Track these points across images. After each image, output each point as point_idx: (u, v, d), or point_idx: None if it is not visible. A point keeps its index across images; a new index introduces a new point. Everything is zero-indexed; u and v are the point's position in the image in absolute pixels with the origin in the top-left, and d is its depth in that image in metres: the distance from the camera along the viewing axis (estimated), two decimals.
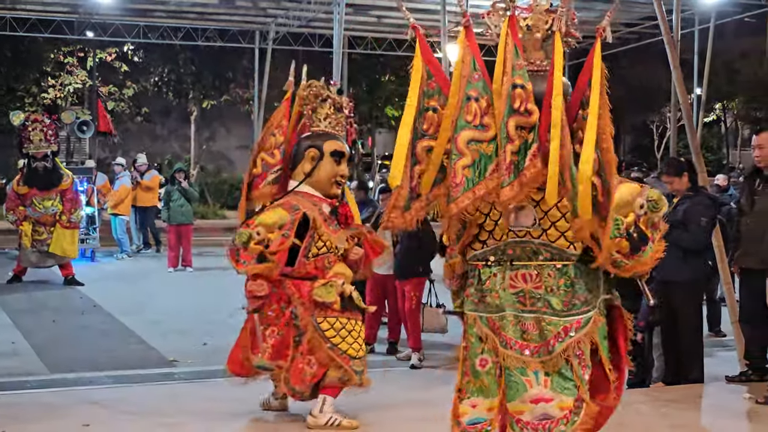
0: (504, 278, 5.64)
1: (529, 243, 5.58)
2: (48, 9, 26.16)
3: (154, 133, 41.68)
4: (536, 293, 5.57)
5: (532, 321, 5.55)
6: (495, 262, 5.68)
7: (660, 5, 12.13)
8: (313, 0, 24.34)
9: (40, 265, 17.49)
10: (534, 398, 5.54)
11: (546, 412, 5.53)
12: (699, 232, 9.48)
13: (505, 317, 5.61)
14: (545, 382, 5.54)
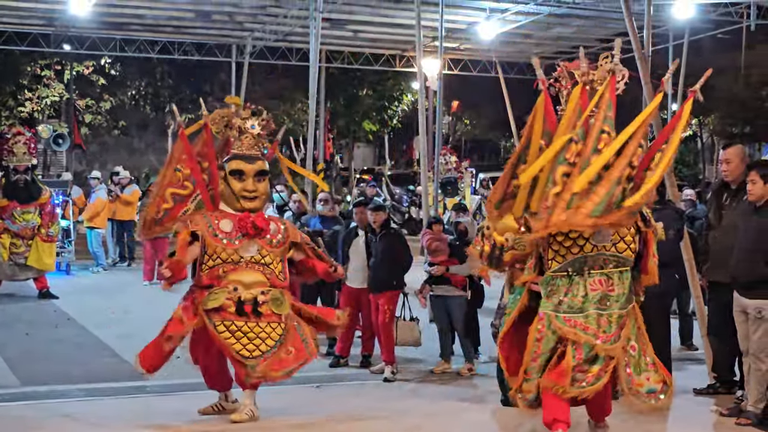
0: (584, 285, 7.57)
1: (601, 255, 7.58)
2: (24, 22, 26.10)
3: (131, 147, 41.64)
4: (610, 295, 7.62)
5: (606, 316, 7.56)
6: (574, 272, 7.59)
7: (631, 21, 12.24)
8: (290, 14, 24.38)
9: (16, 278, 17.42)
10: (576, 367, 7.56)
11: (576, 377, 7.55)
12: (667, 244, 9.50)
13: (589, 315, 7.55)
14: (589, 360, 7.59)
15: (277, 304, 8.80)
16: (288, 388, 10.47)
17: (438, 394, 10.69)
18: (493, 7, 23.59)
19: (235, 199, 8.97)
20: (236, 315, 8.65)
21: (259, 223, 8.93)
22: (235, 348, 8.60)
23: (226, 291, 8.70)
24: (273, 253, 8.96)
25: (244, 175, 8.94)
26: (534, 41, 28.25)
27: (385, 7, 23.87)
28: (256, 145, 9.16)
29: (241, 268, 8.78)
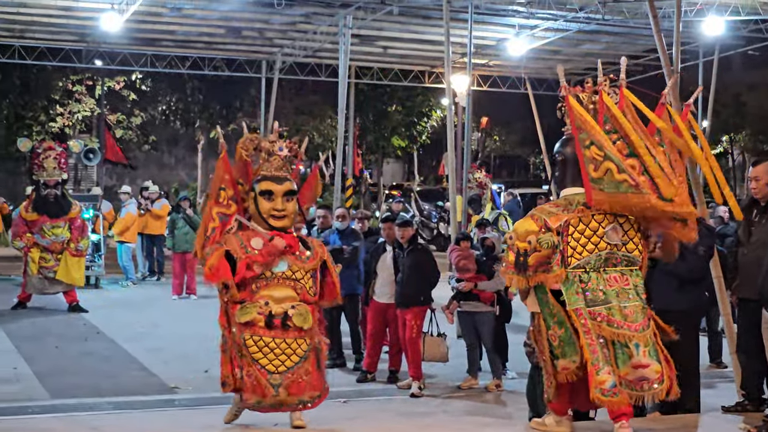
0: (603, 280, 8.13)
1: (614, 254, 8.19)
2: (57, 38, 26.30)
3: (161, 162, 41.87)
4: (627, 289, 8.18)
5: (630, 308, 8.11)
6: (591, 269, 8.13)
7: (660, 37, 12.21)
8: (320, 30, 24.46)
9: (45, 291, 17.53)
10: (635, 364, 8.04)
11: (644, 375, 8.07)
12: (696, 261, 9.45)
13: (612, 307, 8.07)
14: (644, 353, 8.07)
15: (302, 319, 9.03)
16: None
17: (464, 410, 10.70)
18: (522, 24, 23.57)
19: (265, 219, 9.24)
20: (266, 329, 8.93)
21: (288, 241, 9.18)
22: (261, 363, 8.88)
23: (258, 306, 8.96)
24: (303, 269, 9.19)
25: (273, 195, 9.22)
26: (563, 57, 28.15)
27: (415, 24, 23.90)
28: (284, 167, 9.45)
29: (272, 283, 9.04)
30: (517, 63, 27.24)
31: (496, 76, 30.31)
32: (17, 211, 18.33)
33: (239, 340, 8.95)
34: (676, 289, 9.41)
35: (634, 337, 8.08)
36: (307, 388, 9.05)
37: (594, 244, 8.15)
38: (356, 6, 21.87)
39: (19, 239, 17.45)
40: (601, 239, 8.15)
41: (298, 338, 9.04)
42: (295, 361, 8.99)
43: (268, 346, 8.92)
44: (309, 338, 9.11)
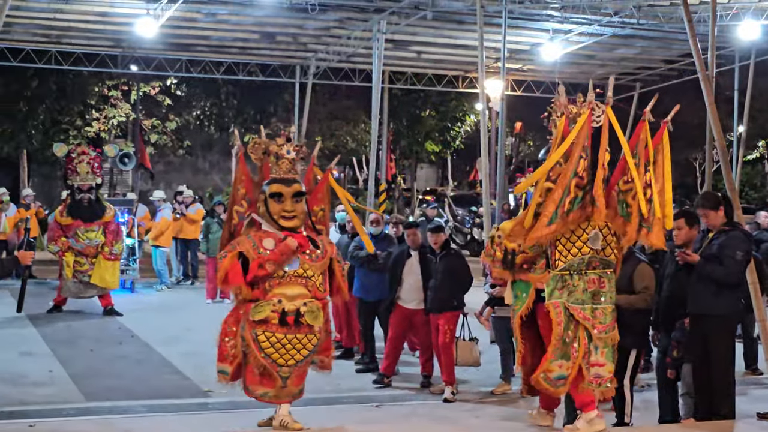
0: (583, 282, 8.93)
1: (594, 257, 8.98)
2: (93, 43, 26.52)
3: (195, 166, 42.04)
4: (602, 291, 8.97)
5: (600, 310, 8.93)
6: (575, 271, 8.94)
7: (695, 42, 12.15)
8: (353, 36, 24.53)
9: (80, 295, 17.62)
10: (593, 363, 8.87)
11: (598, 373, 8.91)
12: (734, 266, 9.37)
13: (586, 308, 8.89)
14: (602, 353, 8.91)
15: (312, 317, 9.33)
16: (347, 407, 10.54)
17: (497, 415, 10.64)
18: (556, 28, 23.54)
19: (276, 220, 9.53)
20: (278, 326, 9.26)
21: (299, 240, 9.49)
22: (273, 357, 9.23)
23: (271, 304, 9.28)
24: (313, 267, 9.51)
25: (282, 197, 9.52)
26: (598, 62, 28.13)
27: (448, 28, 23.93)
28: (293, 169, 9.78)
29: (285, 282, 9.36)
30: (551, 67, 27.19)
31: (530, 81, 30.29)
32: (53, 215, 18.45)
33: (249, 336, 9.27)
34: (713, 294, 9.32)
35: (597, 338, 8.94)
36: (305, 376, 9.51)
37: (578, 249, 8.99)
38: (390, 11, 21.92)
39: (54, 243, 17.54)
40: (585, 244, 9.00)
41: (308, 334, 9.36)
42: (304, 355, 9.34)
43: (280, 342, 9.24)
44: (319, 334, 9.43)
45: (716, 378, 9.47)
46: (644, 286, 9.42)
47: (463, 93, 34.50)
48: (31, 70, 30.85)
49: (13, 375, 12.11)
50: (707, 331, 9.40)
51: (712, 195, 10.17)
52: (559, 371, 8.93)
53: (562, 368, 8.92)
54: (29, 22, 23.87)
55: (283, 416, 9.33)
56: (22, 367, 12.65)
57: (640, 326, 9.48)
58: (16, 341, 14.42)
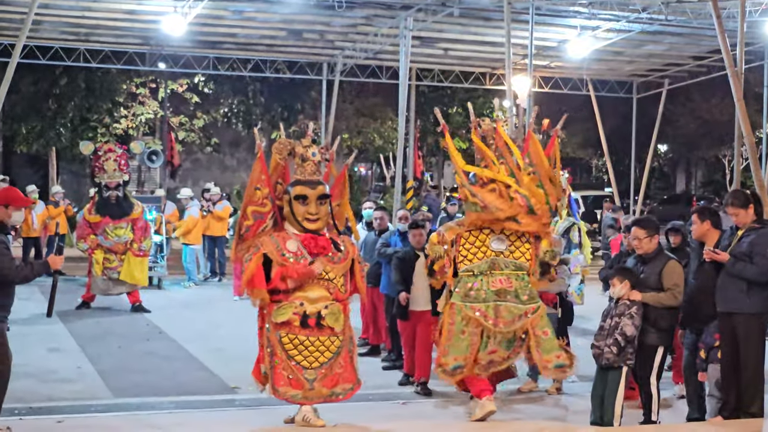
0: (487, 282, 9.96)
1: (501, 260, 10.06)
2: (121, 41, 26.63)
3: (223, 164, 42.17)
4: (508, 291, 9.99)
5: (504, 307, 9.91)
6: (480, 272, 10.01)
7: (724, 38, 12.11)
8: (380, 33, 24.52)
9: (109, 292, 17.70)
10: (490, 351, 9.91)
11: (492, 359, 9.95)
12: (765, 264, 9.25)
13: (489, 306, 9.89)
14: (498, 343, 9.92)
15: (333, 319, 9.39)
16: (374, 404, 10.54)
17: (524, 413, 10.63)
18: (584, 25, 23.44)
19: (300, 222, 9.59)
20: (300, 328, 9.33)
21: (321, 243, 9.58)
22: (297, 359, 9.30)
23: (293, 306, 9.33)
24: (335, 270, 9.56)
25: (307, 200, 9.56)
26: (626, 59, 28.02)
27: (475, 25, 23.88)
28: (317, 171, 9.81)
29: (307, 284, 9.41)
30: (579, 64, 27.10)
31: (558, 78, 30.19)
32: (81, 213, 18.54)
33: (274, 337, 9.34)
34: (743, 292, 9.25)
35: (496, 332, 9.88)
36: (339, 381, 9.45)
37: (483, 253, 10.08)
38: (417, 8, 21.90)
39: (83, 241, 17.62)
40: (488, 248, 10.06)
41: (331, 336, 9.42)
42: (328, 357, 9.36)
43: (303, 344, 9.30)
44: (342, 336, 9.49)
45: (746, 376, 9.40)
46: (673, 283, 9.35)
47: (490, 90, 34.42)
48: (59, 67, 31.02)
49: (42, 371, 12.17)
50: (737, 330, 9.34)
51: (741, 193, 10.08)
52: (455, 363, 9.87)
53: (457, 360, 9.86)
54: (58, 20, 23.99)
55: (306, 412, 9.33)
56: (50, 364, 12.72)
57: (667, 324, 9.38)
58: (45, 338, 14.48)
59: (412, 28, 22.65)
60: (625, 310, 9.31)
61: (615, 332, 9.27)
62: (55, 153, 36.00)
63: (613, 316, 9.39)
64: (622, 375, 9.28)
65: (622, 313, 9.31)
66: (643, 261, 9.59)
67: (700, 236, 9.66)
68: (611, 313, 9.45)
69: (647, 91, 31.00)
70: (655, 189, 55.96)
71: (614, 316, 9.38)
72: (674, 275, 9.41)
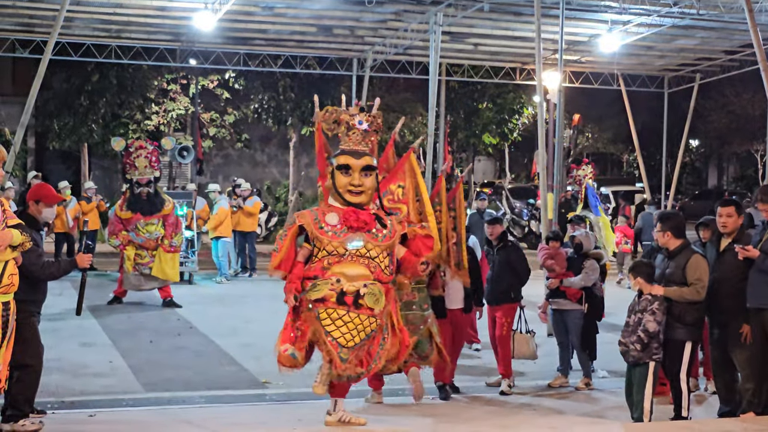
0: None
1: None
2: (152, 38, 26.74)
3: (254, 159, 42.18)
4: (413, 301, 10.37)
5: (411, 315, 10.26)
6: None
7: (756, 32, 12.06)
8: (410, 28, 24.51)
9: (141, 287, 17.81)
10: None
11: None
12: None
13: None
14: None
15: (373, 300, 8.85)
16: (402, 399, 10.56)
17: (554, 408, 10.64)
18: (615, 20, 23.35)
19: (342, 194, 9.11)
20: (336, 304, 8.80)
21: (364, 218, 9.05)
22: (333, 335, 8.79)
23: (329, 283, 8.82)
24: (379, 247, 9.00)
25: (350, 170, 9.06)
26: (657, 53, 27.88)
27: (506, 20, 23.83)
28: (363, 141, 9.27)
29: (345, 260, 8.90)
30: (610, 59, 26.99)
31: (588, 73, 30.07)
32: (113, 209, 18.65)
33: (311, 314, 8.84)
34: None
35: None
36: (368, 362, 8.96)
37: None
38: (447, 3, 21.88)
39: (114, 237, 17.73)
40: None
41: (369, 317, 8.88)
42: (362, 337, 8.86)
43: (342, 319, 8.79)
44: (379, 319, 8.95)
45: None
46: (697, 278, 9.28)
47: (520, 85, 34.35)
48: (91, 64, 31.15)
49: (74, 365, 12.31)
50: (766, 326, 9.31)
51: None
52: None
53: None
54: (89, 17, 24.12)
55: (342, 413, 9.13)
56: (82, 358, 12.85)
57: (692, 318, 9.32)
58: (77, 332, 14.61)
59: (442, 24, 22.62)
60: (647, 306, 9.27)
61: (638, 329, 9.24)
62: (87, 149, 36.17)
63: (637, 312, 9.36)
64: (650, 371, 9.24)
65: (644, 309, 9.29)
66: (670, 256, 9.54)
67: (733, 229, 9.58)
68: (635, 308, 9.42)
69: (679, 86, 30.84)
70: (686, 184, 55.68)
71: (637, 312, 9.35)
72: (698, 270, 9.31)
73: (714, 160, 60.92)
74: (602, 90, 31.60)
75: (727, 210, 9.64)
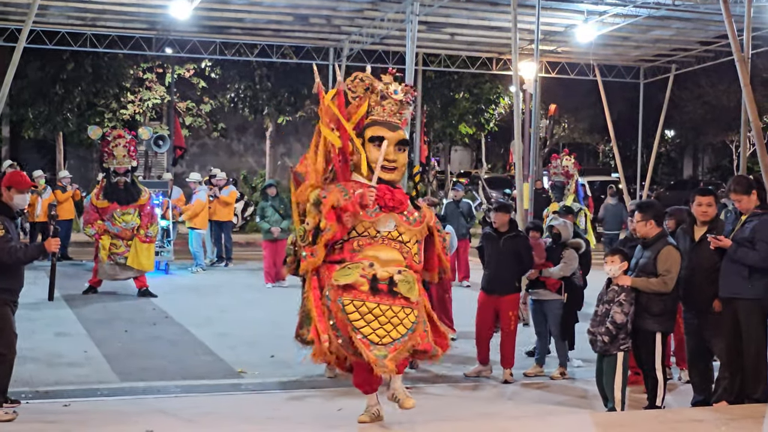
0: None
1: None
2: (127, 26, 26.64)
3: (230, 149, 42.16)
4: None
5: None
6: None
7: (731, 23, 12.12)
8: (387, 18, 24.50)
9: (116, 277, 17.75)
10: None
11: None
12: (766, 250, 9.30)
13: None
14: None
15: (407, 287, 7.99)
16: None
17: (529, 397, 10.71)
18: (590, 10, 23.40)
19: (371, 169, 8.29)
20: (369, 293, 7.88)
21: (399, 197, 8.30)
22: (363, 331, 7.84)
23: (361, 267, 7.97)
24: (410, 232, 8.24)
25: (382, 142, 8.29)
26: (633, 44, 27.97)
27: (482, 10, 23.85)
28: (399, 113, 8.54)
29: (377, 243, 8.11)
30: (586, 49, 27.04)
31: (564, 63, 30.14)
32: (89, 197, 18.59)
33: (335, 305, 7.95)
34: (745, 278, 9.33)
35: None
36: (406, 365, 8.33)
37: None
38: None
39: (90, 226, 17.66)
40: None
41: (405, 308, 7.96)
42: (401, 332, 7.90)
43: (372, 313, 7.84)
44: (417, 310, 8.07)
45: (748, 361, 9.49)
46: (666, 269, 9.31)
47: (497, 75, 34.39)
48: (66, 52, 31.08)
49: (49, 355, 12.26)
50: (739, 315, 9.42)
51: (744, 179, 10.08)
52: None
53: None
54: (64, 5, 24.00)
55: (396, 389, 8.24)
56: (57, 348, 12.80)
57: (658, 309, 9.33)
58: (52, 322, 14.57)
59: (419, 13, 22.61)
60: (615, 297, 9.33)
61: (606, 320, 9.29)
62: (62, 138, 36.06)
63: (605, 302, 9.42)
64: (618, 361, 9.31)
65: (611, 300, 9.34)
66: (645, 245, 9.60)
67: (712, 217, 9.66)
68: (603, 298, 9.48)
69: (654, 77, 30.96)
70: (661, 174, 55.98)
71: (605, 302, 9.41)
72: (668, 261, 9.36)
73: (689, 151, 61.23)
74: (578, 80, 31.67)
75: (707, 199, 9.71)
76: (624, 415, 9.31)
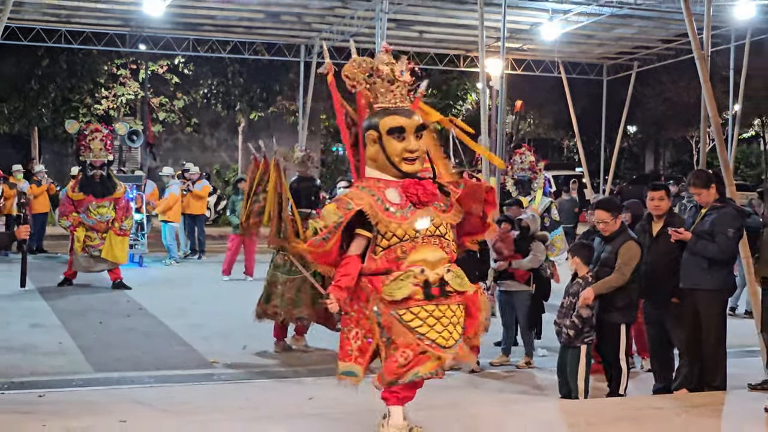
0: None
1: None
2: (101, 22, 26.66)
3: (203, 144, 42.20)
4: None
5: None
6: None
7: (691, 21, 12.38)
8: (357, 15, 24.71)
9: (91, 269, 17.93)
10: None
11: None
12: (726, 243, 9.61)
13: None
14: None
15: (458, 283, 7.33)
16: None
17: (494, 386, 10.87)
18: (555, 8, 23.68)
19: (394, 163, 7.34)
20: (424, 300, 7.14)
21: (429, 187, 7.37)
22: (430, 336, 7.12)
23: (412, 275, 7.15)
24: (445, 221, 7.37)
25: (404, 133, 7.27)
26: (596, 42, 28.28)
27: (450, 8, 24.06)
28: (409, 96, 7.56)
29: (419, 244, 7.20)
30: (551, 47, 27.31)
31: (530, 60, 30.42)
32: (64, 191, 18.77)
33: (387, 320, 7.14)
34: (705, 269, 9.59)
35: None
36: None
37: None
38: None
39: (65, 218, 17.83)
40: None
41: (460, 303, 7.32)
42: (460, 332, 7.31)
43: (433, 315, 7.13)
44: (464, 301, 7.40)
45: (708, 350, 9.74)
46: (623, 262, 9.54)
47: (464, 72, 34.60)
48: (41, 49, 31.11)
49: (24, 346, 12.42)
50: (698, 306, 9.67)
51: (702, 173, 10.33)
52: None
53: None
54: (39, 2, 24.03)
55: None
56: (32, 339, 12.94)
57: (623, 302, 9.59)
58: (27, 313, 14.74)
59: (388, 11, 22.81)
60: (579, 290, 9.55)
61: (572, 314, 9.51)
62: (37, 133, 36.11)
63: (570, 294, 9.65)
64: (581, 353, 9.53)
65: (576, 293, 9.56)
66: (606, 240, 9.84)
67: (665, 211, 10.00)
68: (569, 291, 9.70)
69: (617, 74, 31.25)
70: (624, 169, 56.42)
71: (570, 294, 9.64)
72: (628, 254, 9.58)
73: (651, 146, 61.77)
74: (543, 77, 31.95)
75: (659, 194, 10.00)
76: (587, 402, 9.51)
